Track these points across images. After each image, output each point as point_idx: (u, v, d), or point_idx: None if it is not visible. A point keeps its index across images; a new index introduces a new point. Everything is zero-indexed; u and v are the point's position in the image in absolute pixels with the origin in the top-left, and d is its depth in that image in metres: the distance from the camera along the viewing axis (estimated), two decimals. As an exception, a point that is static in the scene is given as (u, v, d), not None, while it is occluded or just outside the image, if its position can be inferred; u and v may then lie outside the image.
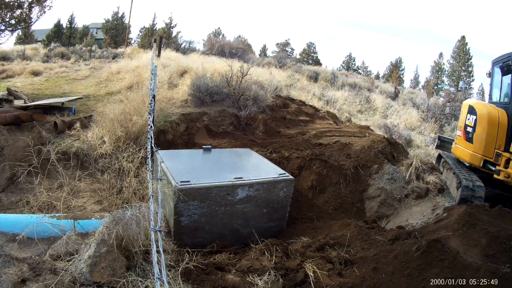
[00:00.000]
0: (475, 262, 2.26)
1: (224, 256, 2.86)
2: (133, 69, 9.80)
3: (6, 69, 11.47)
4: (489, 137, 3.96)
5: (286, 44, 44.07)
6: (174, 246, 2.63)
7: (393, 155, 5.26)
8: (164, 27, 30.81)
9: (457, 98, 15.98)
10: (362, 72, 41.32)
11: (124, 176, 4.11)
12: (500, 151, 3.83)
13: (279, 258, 2.67)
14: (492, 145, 3.92)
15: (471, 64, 36.23)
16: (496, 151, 3.88)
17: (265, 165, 4.03)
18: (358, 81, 18.63)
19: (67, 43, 26.52)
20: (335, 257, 2.70)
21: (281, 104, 7.92)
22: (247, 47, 22.64)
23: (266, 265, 2.56)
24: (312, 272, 2.45)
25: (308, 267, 2.51)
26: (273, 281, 2.34)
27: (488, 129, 3.99)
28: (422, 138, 9.49)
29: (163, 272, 1.39)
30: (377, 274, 2.37)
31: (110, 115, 5.17)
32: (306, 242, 3.10)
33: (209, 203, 3.20)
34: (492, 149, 3.93)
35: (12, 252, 2.42)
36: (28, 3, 9.07)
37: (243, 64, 8.34)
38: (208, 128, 6.21)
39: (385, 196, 4.37)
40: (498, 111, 4.04)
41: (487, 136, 3.98)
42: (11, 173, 4.47)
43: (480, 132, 4.09)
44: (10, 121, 5.16)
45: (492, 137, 3.93)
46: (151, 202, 2.08)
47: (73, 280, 1.94)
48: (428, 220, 3.71)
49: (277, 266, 2.55)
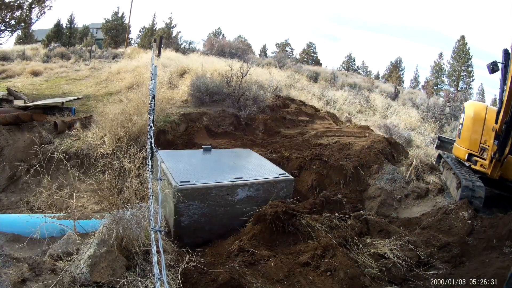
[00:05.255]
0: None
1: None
2: (133, 69, 9.80)
3: (6, 69, 11.47)
4: (474, 133, 4.35)
5: (286, 44, 44.06)
6: (174, 246, 2.63)
7: (393, 155, 5.27)
8: (164, 27, 30.80)
9: (457, 98, 15.99)
10: (362, 72, 41.31)
11: (124, 176, 4.10)
12: (486, 146, 4.04)
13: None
14: (477, 140, 4.29)
15: (471, 64, 36.21)
16: (482, 145, 4.20)
17: (265, 165, 4.03)
18: (358, 81, 18.64)
19: (67, 43, 26.51)
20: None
21: (281, 104, 7.91)
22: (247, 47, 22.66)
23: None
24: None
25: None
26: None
27: (473, 125, 4.38)
28: (422, 138, 9.48)
29: (163, 272, 1.39)
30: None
31: (110, 115, 5.17)
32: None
33: (209, 203, 3.20)
34: (477, 143, 4.29)
35: (12, 252, 2.41)
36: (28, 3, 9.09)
37: (243, 64, 8.33)
38: (208, 128, 6.20)
39: (385, 196, 4.37)
40: (487, 110, 4.36)
41: (472, 132, 4.38)
42: (11, 173, 4.47)
43: (466, 128, 4.51)
44: (10, 121, 5.16)
45: (477, 133, 4.31)
46: (151, 202, 2.08)
47: (73, 280, 1.94)
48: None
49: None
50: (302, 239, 2.89)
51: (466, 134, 4.49)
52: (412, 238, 3.08)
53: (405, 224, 3.58)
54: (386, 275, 2.56)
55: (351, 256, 2.65)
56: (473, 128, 4.38)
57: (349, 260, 2.53)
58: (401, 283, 2.56)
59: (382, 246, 2.87)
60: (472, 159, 4.28)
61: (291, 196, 3.68)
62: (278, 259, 2.60)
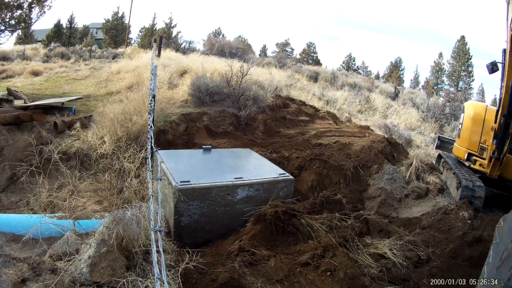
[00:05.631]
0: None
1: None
2: (133, 69, 9.80)
3: (6, 69, 11.47)
4: (473, 133, 4.35)
5: (286, 44, 44.08)
6: (174, 246, 2.63)
7: (393, 155, 5.27)
8: (164, 27, 30.81)
9: (457, 98, 16.00)
10: (362, 72, 41.32)
11: (124, 176, 4.10)
12: (485, 145, 4.03)
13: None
14: (477, 140, 4.29)
15: (471, 64, 36.23)
16: (481, 145, 4.21)
17: (265, 165, 4.03)
18: (358, 81, 18.64)
19: (67, 43, 26.51)
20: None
21: (281, 104, 7.91)
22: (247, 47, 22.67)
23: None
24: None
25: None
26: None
27: (472, 125, 4.39)
28: (422, 138, 9.48)
29: (163, 272, 1.39)
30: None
31: (110, 115, 5.17)
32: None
33: (209, 203, 3.20)
34: (476, 143, 4.29)
35: (12, 252, 2.41)
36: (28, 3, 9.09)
37: (243, 64, 8.32)
38: (208, 128, 6.20)
39: (385, 196, 4.37)
40: (487, 110, 4.37)
41: (472, 132, 4.38)
42: (11, 173, 4.47)
43: (466, 128, 4.51)
44: (10, 121, 5.15)
45: (477, 133, 4.31)
46: (151, 202, 2.08)
47: (73, 280, 1.94)
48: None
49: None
50: (302, 239, 2.89)
51: (466, 134, 4.50)
52: (412, 238, 3.08)
53: (405, 224, 3.59)
54: (386, 275, 2.56)
55: (351, 256, 2.65)
56: (472, 128, 4.39)
57: (349, 260, 2.53)
58: (401, 283, 2.55)
59: (382, 246, 2.87)
60: (472, 159, 4.29)
61: (291, 196, 3.68)
62: (278, 259, 2.60)
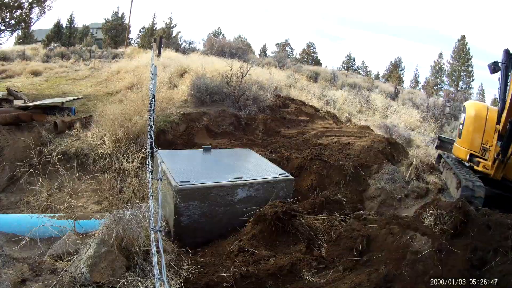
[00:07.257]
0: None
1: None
2: (133, 69, 9.79)
3: (6, 69, 11.48)
4: (475, 133, 4.28)
5: (286, 44, 44.10)
6: (174, 246, 2.63)
7: (393, 155, 5.26)
8: (164, 27, 30.82)
9: (457, 98, 16.00)
10: (362, 72, 41.34)
11: (124, 176, 4.10)
12: (487, 146, 3.98)
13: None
14: (478, 140, 4.21)
15: (471, 64, 36.25)
16: (483, 146, 4.13)
17: (265, 165, 4.03)
18: (358, 81, 18.62)
19: (67, 43, 26.53)
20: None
21: (281, 104, 7.91)
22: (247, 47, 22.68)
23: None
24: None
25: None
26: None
27: (473, 125, 4.30)
28: (422, 138, 9.48)
29: (163, 272, 1.39)
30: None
31: (110, 115, 5.17)
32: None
33: (209, 203, 3.20)
34: (478, 144, 4.21)
35: (12, 252, 2.41)
36: (28, 3, 9.09)
37: (243, 64, 8.32)
38: (208, 128, 6.20)
39: (385, 196, 4.37)
40: (488, 110, 4.28)
41: (473, 132, 4.31)
42: (11, 173, 4.47)
43: (467, 128, 4.43)
44: (10, 121, 5.15)
45: (478, 133, 4.24)
46: (151, 202, 2.08)
47: (73, 280, 1.94)
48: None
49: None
50: (302, 239, 2.89)
51: (467, 134, 4.45)
52: (412, 238, 3.07)
53: (405, 224, 3.58)
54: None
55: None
56: (474, 128, 4.33)
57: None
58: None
59: (382, 246, 2.87)
60: (474, 160, 4.20)
61: (291, 196, 3.68)
62: (278, 259, 2.60)
